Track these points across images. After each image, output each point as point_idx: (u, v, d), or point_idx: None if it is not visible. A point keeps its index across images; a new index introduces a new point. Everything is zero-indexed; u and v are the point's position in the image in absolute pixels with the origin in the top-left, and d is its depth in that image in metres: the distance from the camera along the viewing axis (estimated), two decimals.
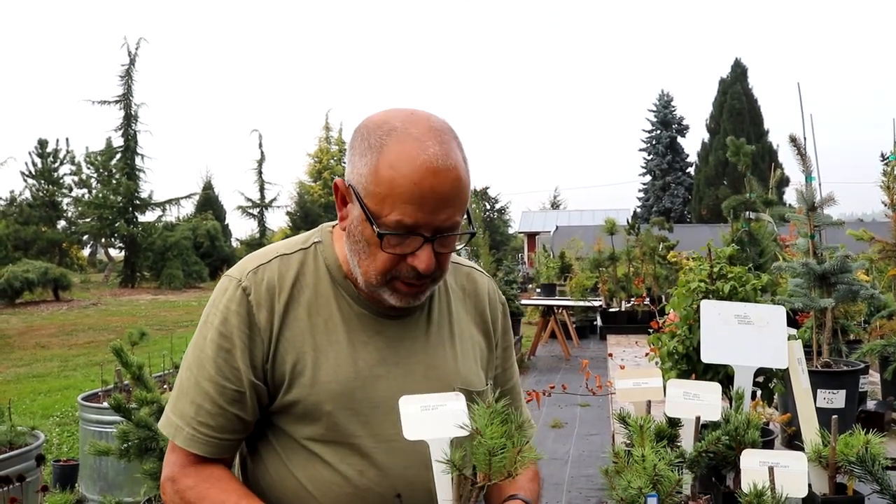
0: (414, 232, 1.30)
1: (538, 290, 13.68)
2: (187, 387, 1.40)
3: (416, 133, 1.30)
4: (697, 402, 1.94)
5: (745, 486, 1.69)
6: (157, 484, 3.37)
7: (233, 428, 1.40)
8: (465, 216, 1.37)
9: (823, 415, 2.14)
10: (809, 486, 1.81)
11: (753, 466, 1.72)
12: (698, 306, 2.27)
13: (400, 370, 1.45)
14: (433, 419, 1.28)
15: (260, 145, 46.95)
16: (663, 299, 9.63)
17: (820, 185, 3.43)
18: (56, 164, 37.00)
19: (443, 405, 1.29)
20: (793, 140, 3.07)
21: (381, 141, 1.30)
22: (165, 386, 5.17)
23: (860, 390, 3.24)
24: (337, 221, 1.53)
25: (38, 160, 36.59)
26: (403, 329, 1.48)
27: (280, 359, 1.39)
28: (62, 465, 6.03)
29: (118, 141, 33.49)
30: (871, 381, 4.03)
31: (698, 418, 1.91)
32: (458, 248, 1.46)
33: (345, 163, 1.53)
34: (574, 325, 13.25)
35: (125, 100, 32.82)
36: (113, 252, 37.59)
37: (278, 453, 1.44)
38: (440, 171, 1.28)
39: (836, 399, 2.89)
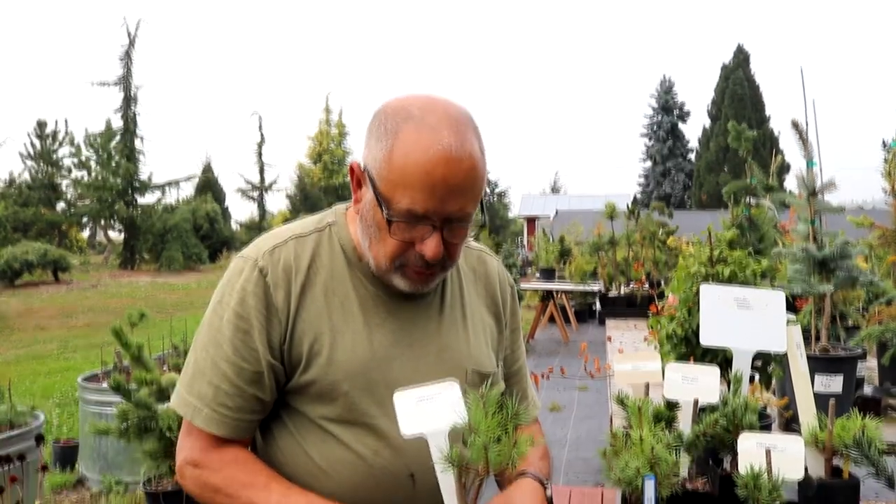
0: (423, 220, 1.31)
1: (537, 274, 13.69)
2: (204, 367, 1.39)
3: (433, 121, 1.30)
4: (696, 384, 1.95)
5: (743, 468, 1.70)
6: (156, 464, 3.40)
7: (251, 408, 1.40)
8: (479, 206, 1.37)
9: (821, 399, 2.15)
10: (805, 469, 1.81)
11: (751, 449, 1.72)
12: (698, 290, 2.27)
13: (413, 352, 1.45)
14: (429, 411, 1.28)
15: (260, 128, 46.89)
16: (662, 284, 9.65)
17: (821, 170, 3.43)
18: (55, 146, 36.94)
19: (438, 395, 1.29)
20: (795, 125, 3.06)
21: (398, 127, 1.30)
22: (165, 367, 5.19)
23: (857, 376, 3.25)
24: (351, 203, 1.53)
25: (36, 141, 36.55)
26: (417, 311, 1.48)
27: (297, 339, 1.39)
28: (62, 445, 6.06)
29: (117, 123, 33.42)
30: (869, 367, 4.05)
31: (696, 401, 1.92)
32: (472, 235, 1.46)
33: (345, 146, 1.53)
34: (573, 310, 13.28)
35: (124, 81, 32.72)
36: (112, 234, 37.60)
37: (291, 432, 1.44)
38: (453, 161, 1.28)
39: (833, 384, 2.90)
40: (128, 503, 4.74)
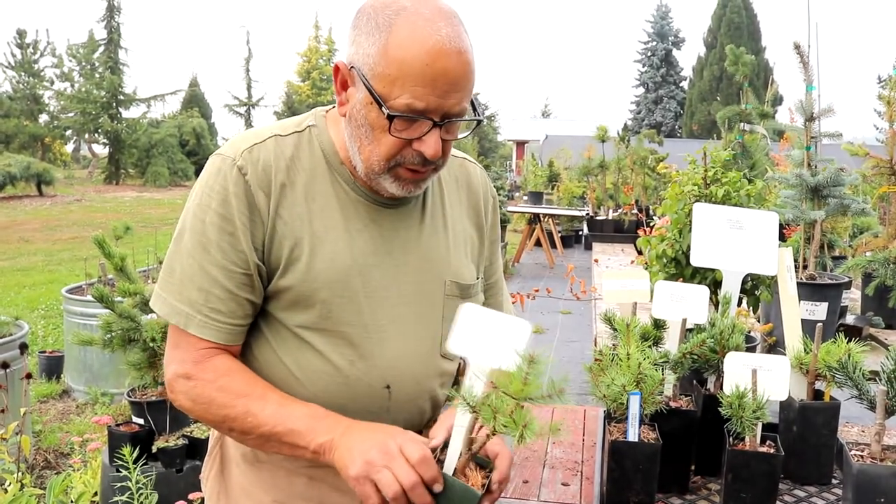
0: (422, 116, 1.25)
1: (525, 197, 13.68)
2: (192, 273, 1.34)
3: (427, 13, 1.24)
4: (684, 304, 1.94)
5: (728, 387, 1.71)
6: (140, 374, 3.40)
7: (244, 312, 1.36)
8: (471, 105, 1.32)
9: (805, 326, 2.15)
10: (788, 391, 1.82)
11: (736, 369, 1.73)
12: (690, 210, 2.24)
13: (393, 260, 1.41)
14: (486, 340, 1.23)
15: (247, 42, 45.95)
16: (651, 210, 9.66)
17: (819, 96, 3.37)
18: (36, 56, 36.05)
19: (502, 330, 1.23)
20: (796, 47, 2.99)
21: (391, 20, 1.24)
22: (150, 281, 5.17)
23: (841, 304, 3.27)
24: (330, 106, 1.46)
25: (17, 51, 35.63)
26: (398, 218, 1.44)
27: (277, 243, 1.34)
28: (48, 355, 6.08)
29: (101, 33, 32.59)
30: (852, 298, 4.09)
31: (684, 320, 1.91)
32: (464, 135, 1.40)
33: (336, 49, 1.45)
34: (559, 234, 13.31)
35: None
36: (97, 148, 37.10)
37: (267, 340, 1.41)
38: (451, 53, 1.23)
39: (817, 311, 2.92)
40: (113, 413, 4.78)
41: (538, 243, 12.48)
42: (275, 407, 1.31)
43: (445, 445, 1.24)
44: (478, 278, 1.56)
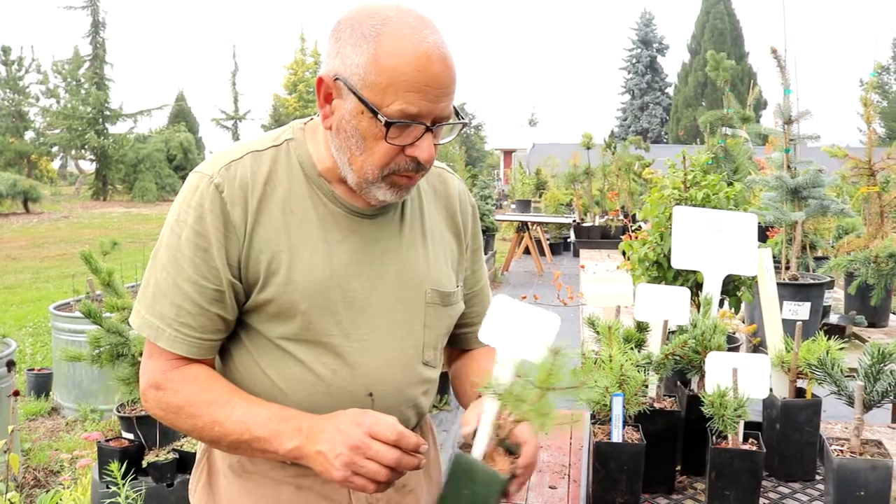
0: (417, 121, 1.28)
1: (513, 206, 13.73)
2: (165, 287, 1.36)
3: (412, 22, 1.28)
4: (666, 306, 1.97)
5: (710, 386, 1.73)
6: (130, 389, 3.40)
7: (214, 328, 1.38)
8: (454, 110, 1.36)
9: (788, 326, 2.18)
10: (770, 390, 1.85)
11: (718, 368, 1.75)
12: (671, 213, 2.27)
13: (373, 270, 1.43)
14: (514, 330, 1.26)
15: (234, 56, 46.04)
16: (636, 216, 9.72)
17: (798, 99, 3.42)
18: (21, 73, 35.94)
19: (531, 323, 1.27)
20: (773, 51, 3.03)
21: (377, 30, 1.27)
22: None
23: (824, 304, 3.31)
24: (308, 119, 1.48)
25: (1, 68, 35.50)
26: (377, 229, 1.46)
27: (254, 258, 1.36)
28: (36, 373, 6.05)
29: (86, 49, 32.57)
30: (835, 298, 4.13)
31: (666, 322, 1.93)
32: (448, 139, 1.43)
33: (320, 63, 1.47)
34: (548, 242, 13.35)
35: (92, 5, 31.76)
36: (83, 164, 36.99)
37: (249, 352, 1.42)
38: (439, 59, 1.27)
39: (800, 311, 2.95)
40: (102, 429, 4.76)
41: (527, 251, 12.52)
42: (240, 413, 1.32)
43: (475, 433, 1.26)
44: (458, 286, 1.58)
